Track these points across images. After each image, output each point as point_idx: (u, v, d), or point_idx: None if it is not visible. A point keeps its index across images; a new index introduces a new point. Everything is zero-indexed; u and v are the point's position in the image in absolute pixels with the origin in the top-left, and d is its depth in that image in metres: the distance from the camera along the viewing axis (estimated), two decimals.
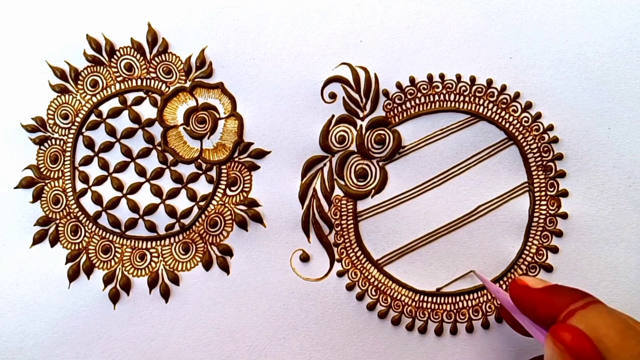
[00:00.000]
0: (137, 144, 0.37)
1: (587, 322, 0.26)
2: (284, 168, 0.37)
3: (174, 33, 0.37)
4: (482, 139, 0.36)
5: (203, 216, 0.37)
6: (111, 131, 0.37)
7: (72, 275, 0.37)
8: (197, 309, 0.37)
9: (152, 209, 0.37)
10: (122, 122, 0.37)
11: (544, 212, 0.36)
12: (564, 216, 0.36)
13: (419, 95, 0.36)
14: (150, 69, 0.37)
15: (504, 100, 0.36)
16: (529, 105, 0.36)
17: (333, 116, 0.37)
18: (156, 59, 0.37)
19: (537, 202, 0.36)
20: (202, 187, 0.37)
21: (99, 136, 0.37)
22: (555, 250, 0.36)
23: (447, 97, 0.36)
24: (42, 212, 0.37)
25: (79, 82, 0.38)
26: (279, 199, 0.37)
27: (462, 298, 0.36)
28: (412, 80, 0.36)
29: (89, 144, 0.37)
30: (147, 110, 0.37)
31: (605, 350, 0.25)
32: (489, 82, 0.36)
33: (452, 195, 0.36)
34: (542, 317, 0.28)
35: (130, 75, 0.37)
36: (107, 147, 0.37)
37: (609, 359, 0.25)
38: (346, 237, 0.37)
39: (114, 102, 0.37)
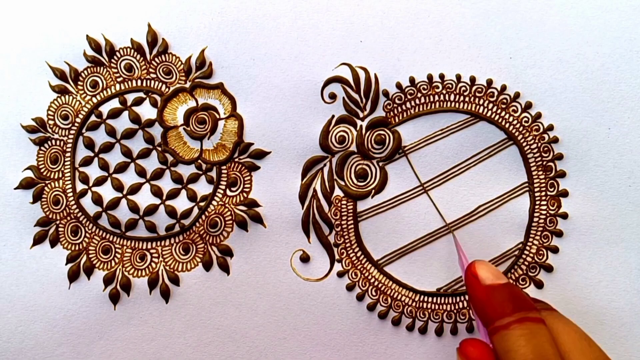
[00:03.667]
0: (137, 144, 0.37)
1: (502, 346, 0.25)
2: (284, 168, 0.37)
3: (173, 33, 0.37)
4: (482, 139, 0.36)
5: (203, 217, 0.37)
6: (111, 132, 0.37)
7: (72, 276, 0.37)
8: (198, 309, 0.37)
9: (152, 210, 0.37)
10: (122, 123, 0.37)
11: (544, 212, 0.36)
12: (564, 216, 0.36)
13: (419, 95, 0.36)
14: (150, 70, 0.37)
15: (504, 101, 0.36)
16: (529, 105, 0.36)
17: (333, 116, 0.37)
18: (156, 59, 0.37)
19: (537, 202, 0.36)
20: (202, 188, 0.37)
21: (99, 137, 0.37)
22: (555, 250, 0.36)
23: (447, 98, 0.36)
24: (42, 212, 0.37)
25: (79, 82, 0.38)
26: (279, 200, 0.37)
27: (462, 298, 0.36)
28: (412, 80, 0.36)
29: (89, 145, 0.37)
30: (147, 111, 0.37)
31: None
32: (489, 82, 0.36)
33: (452, 195, 0.36)
34: (479, 317, 0.27)
35: (130, 76, 0.37)
36: (107, 147, 0.37)
37: None
38: (346, 237, 0.37)
39: (114, 103, 0.37)
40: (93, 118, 0.37)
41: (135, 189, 0.37)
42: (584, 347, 0.26)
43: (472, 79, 0.36)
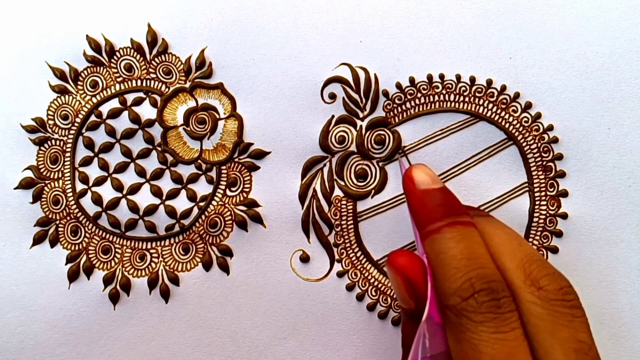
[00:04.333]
0: (137, 144, 0.37)
1: (433, 249, 0.25)
2: (284, 168, 0.37)
3: (173, 33, 0.37)
4: (482, 139, 0.36)
5: (203, 217, 0.37)
6: (111, 132, 0.37)
7: (72, 276, 0.37)
8: (197, 309, 0.37)
9: (152, 210, 0.37)
10: (122, 123, 0.37)
11: (544, 212, 0.36)
12: (564, 216, 0.36)
13: (419, 95, 0.36)
14: (150, 70, 0.37)
15: (504, 101, 0.36)
16: (528, 105, 0.36)
17: (333, 116, 0.37)
18: (156, 59, 0.37)
19: (537, 202, 0.36)
20: (202, 188, 0.37)
21: (99, 137, 0.37)
22: (555, 250, 0.36)
23: (447, 98, 0.36)
24: (42, 212, 0.37)
25: (79, 82, 0.38)
26: (279, 200, 0.37)
27: None
28: (412, 80, 0.36)
29: (89, 145, 0.37)
30: (147, 111, 0.37)
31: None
32: (489, 82, 0.36)
33: None
34: (414, 223, 0.27)
35: (130, 76, 0.37)
36: (107, 147, 0.37)
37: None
38: (346, 237, 0.37)
39: (114, 103, 0.37)
40: (93, 118, 0.37)
41: (135, 189, 0.37)
42: (514, 247, 0.26)
43: (472, 79, 0.36)
